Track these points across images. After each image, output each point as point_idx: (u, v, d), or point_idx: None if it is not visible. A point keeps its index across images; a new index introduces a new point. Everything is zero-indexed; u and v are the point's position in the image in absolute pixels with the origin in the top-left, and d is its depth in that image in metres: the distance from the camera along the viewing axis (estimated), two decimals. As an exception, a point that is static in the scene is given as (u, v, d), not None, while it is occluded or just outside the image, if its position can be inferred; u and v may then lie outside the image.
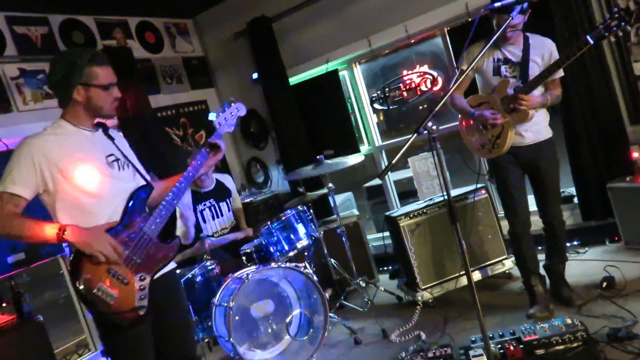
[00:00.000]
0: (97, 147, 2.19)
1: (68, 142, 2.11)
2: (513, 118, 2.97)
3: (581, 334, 2.52)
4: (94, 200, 2.11)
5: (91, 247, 1.99)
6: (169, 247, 2.24)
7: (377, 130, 5.22)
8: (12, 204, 1.99)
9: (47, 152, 2.04)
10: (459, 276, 3.76)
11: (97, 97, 2.12)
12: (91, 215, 2.10)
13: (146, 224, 2.17)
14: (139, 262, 2.13)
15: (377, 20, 4.62)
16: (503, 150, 3.03)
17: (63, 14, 4.43)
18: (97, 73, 2.10)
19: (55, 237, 1.98)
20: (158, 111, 5.05)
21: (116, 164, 2.22)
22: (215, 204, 4.19)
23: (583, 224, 4.13)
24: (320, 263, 4.28)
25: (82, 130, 2.17)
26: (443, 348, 2.87)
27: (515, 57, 3.03)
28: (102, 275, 2.04)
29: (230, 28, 5.40)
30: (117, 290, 2.05)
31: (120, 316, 2.07)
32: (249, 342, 3.50)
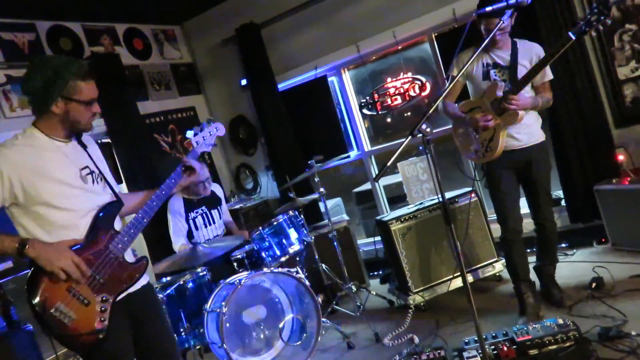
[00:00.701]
0: (71, 160, 2.09)
1: (41, 155, 2.00)
2: (504, 120, 3.00)
3: (573, 333, 2.55)
4: (67, 215, 2.02)
5: (51, 264, 1.89)
6: (136, 267, 2.17)
7: (366, 135, 5.25)
8: None
9: (16, 164, 1.94)
10: (451, 279, 3.78)
11: (76, 112, 2.02)
12: (63, 230, 2.01)
13: (112, 242, 2.08)
14: (102, 282, 2.02)
15: (366, 27, 4.66)
16: (496, 153, 3.05)
17: (50, 20, 4.40)
18: (81, 88, 2.00)
19: (15, 251, 1.87)
20: (146, 118, 5.03)
21: (90, 177, 2.13)
22: (207, 212, 4.18)
23: (571, 226, 4.19)
24: (311, 268, 4.27)
25: (56, 141, 2.06)
26: (436, 350, 2.88)
27: (504, 61, 3.07)
28: (62, 294, 1.93)
29: (218, 34, 5.40)
30: (76, 312, 1.94)
31: (78, 339, 1.95)
32: (242, 348, 3.48)
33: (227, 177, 5.81)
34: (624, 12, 3.75)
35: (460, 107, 3.22)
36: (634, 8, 3.72)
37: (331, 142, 5.12)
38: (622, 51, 3.81)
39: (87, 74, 2.03)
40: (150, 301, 2.34)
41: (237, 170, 5.76)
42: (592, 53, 3.90)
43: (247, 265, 3.78)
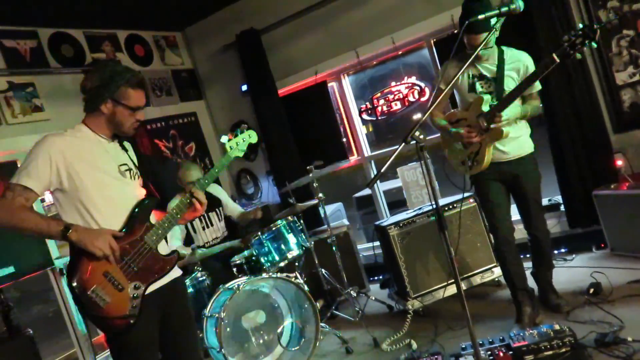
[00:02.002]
0: (112, 156, 2.26)
1: (86, 146, 2.18)
2: (489, 136, 2.95)
3: (569, 339, 2.56)
4: (106, 203, 2.16)
5: (92, 244, 2.03)
6: (167, 259, 2.28)
7: (366, 140, 5.27)
8: (23, 197, 2.03)
9: (65, 151, 2.10)
10: (448, 284, 3.78)
11: (121, 115, 2.19)
12: (101, 217, 2.14)
13: (147, 234, 2.21)
14: (135, 270, 2.16)
15: (365, 32, 4.69)
16: (482, 167, 3.02)
17: (52, 27, 4.44)
18: (130, 94, 2.18)
19: (59, 234, 2.01)
20: (147, 123, 5.06)
21: (128, 173, 2.29)
22: (205, 214, 4.20)
23: (570, 231, 4.19)
24: (310, 273, 4.29)
25: (100, 138, 2.24)
26: (433, 356, 2.89)
27: (489, 73, 3.02)
28: (99, 278, 2.07)
29: (219, 41, 5.44)
30: (110, 295, 2.07)
31: (110, 322, 2.08)
32: (241, 353, 3.50)
33: (229, 182, 5.83)
34: (621, 18, 3.76)
35: (448, 116, 3.19)
36: (631, 14, 3.73)
37: (331, 147, 5.14)
38: (620, 56, 3.82)
39: (139, 84, 2.22)
40: (180, 295, 2.44)
41: (238, 175, 5.78)
42: (590, 58, 3.91)
43: (247, 270, 3.80)
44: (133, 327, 2.12)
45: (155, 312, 2.24)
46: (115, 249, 2.08)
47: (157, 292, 2.24)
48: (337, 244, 4.37)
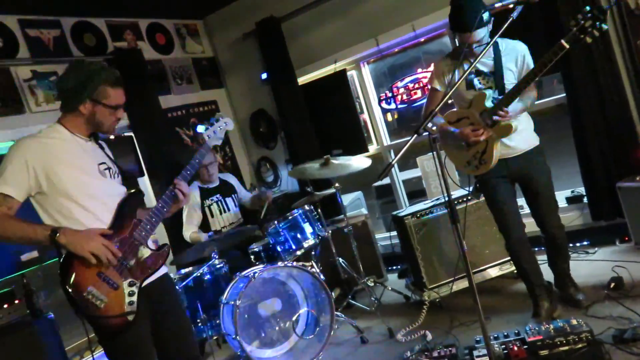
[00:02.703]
0: (90, 155, 2.23)
1: (63, 147, 2.13)
2: (496, 132, 2.83)
3: (586, 335, 2.51)
4: (87, 203, 2.13)
5: (82, 248, 1.99)
6: (159, 254, 2.26)
7: (386, 129, 5.23)
8: (4, 205, 2.00)
9: (41, 154, 2.06)
10: (454, 280, 3.74)
11: (101, 115, 2.17)
12: (84, 218, 2.11)
13: (136, 230, 2.19)
14: (129, 268, 2.14)
15: (385, 20, 4.63)
16: (490, 165, 2.89)
17: (74, 16, 4.49)
18: (109, 93, 2.15)
19: (47, 239, 1.98)
20: (168, 112, 5.11)
21: (108, 172, 2.26)
22: (221, 199, 4.28)
23: (592, 224, 4.10)
24: (328, 262, 4.30)
25: (77, 137, 2.19)
26: (448, 348, 2.87)
27: (487, 67, 2.90)
28: (93, 279, 2.03)
29: (239, 29, 5.44)
30: (106, 295, 2.04)
31: (109, 321, 2.05)
32: (257, 340, 3.54)
33: (248, 170, 5.87)
34: (651, 3, 3.62)
35: (448, 116, 3.06)
36: (662, -1, 3.58)
37: (350, 136, 5.11)
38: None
39: (117, 82, 2.19)
40: (169, 291, 2.42)
41: (257, 163, 5.81)
42: (617, 45, 3.78)
43: (264, 258, 3.83)
44: (133, 324, 2.09)
45: (146, 309, 2.20)
46: (114, 251, 2.06)
47: (147, 289, 2.20)
48: (355, 233, 4.39)
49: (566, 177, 5.35)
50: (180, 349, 2.38)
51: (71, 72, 2.15)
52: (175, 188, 2.28)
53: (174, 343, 2.36)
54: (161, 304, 2.32)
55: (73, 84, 2.12)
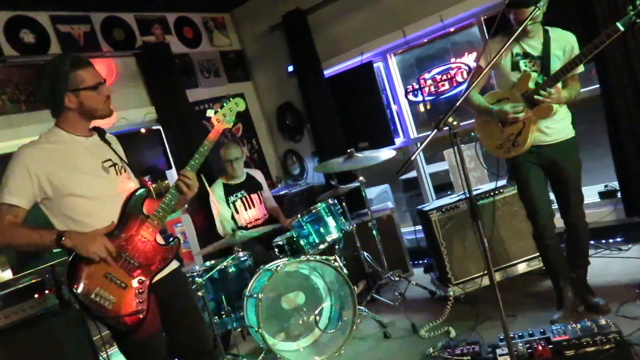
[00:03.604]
0: (92, 153, 2.20)
1: (63, 150, 2.12)
2: (535, 113, 2.82)
3: (614, 335, 2.42)
4: (93, 203, 2.13)
5: (86, 250, 2.00)
6: (167, 249, 2.26)
7: (413, 122, 5.16)
8: (11, 214, 2.02)
9: (42, 161, 2.06)
10: (495, 271, 3.67)
11: (89, 100, 2.13)
12: (91, 219, 2.11)
13: (143, 227, 2.19)
14: (136, 265, 2.14)
15: (412, 10, 4.55)
16: (523, 149, 2.88)
17: (104, 11, 4.57)
18: (82, 76, 2.11)
19: (54, 243, 1.99)
20: (195, 105, 5.16)
21: (113, 168, 2.24)
22: (246, 195, 4.29)
23: (626, 219, 3.95)
24: (352, 256, 4.29)
25: (76, 137, 2.18)
26: (471, 345, 2.82)
27: (535, 51, 2.88)
28: (100, 279, 2.04)
29: (266, 21, 5.44)
30: (115, 295, 2.06)
31: (120, 320, 2.06)
32: (281, 333, 3.56)
33: (275, 163, 5.89)
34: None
35: (486, 98, 3.05)
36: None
37: (377, 129, 5.07)
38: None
39: (84, 62, 2.14)
40: (180, 285, 2.41)
41: (284, 156, 5.82)
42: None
43: (288, 252, 3.84)
44: (144, 321, 2.10)
45: (157, 305, 2.21)
46: (111, 251, 2.05)
47: (158, 283, 2.21)
48: (381, 227, 4.36)
49: (599, 171, 5.18)
50: (192, 344, 2.39)
51: (41, 78, 2.13)
52: (180, 179, 2.25)
53: (186, 338, 2.37)
54: (172, 300, 2.31)
55: (47, 87, 2.10)
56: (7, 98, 3.82)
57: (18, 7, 4.00)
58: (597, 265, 3.56)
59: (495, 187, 3.74)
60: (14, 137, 3.80)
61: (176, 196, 2.24)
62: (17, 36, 3.99)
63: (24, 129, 3.85)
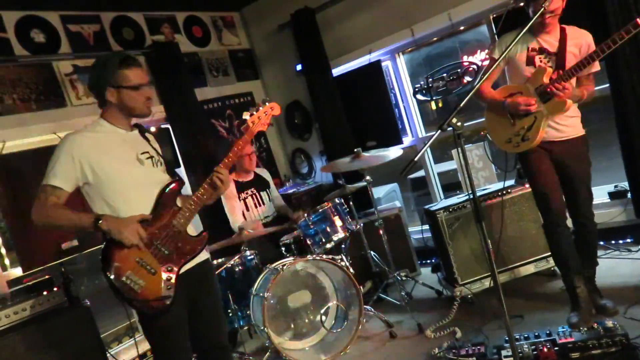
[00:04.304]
0: (131, 145, 2.33)
1: (104, 139, 2.26)
2: (548, 108, 2.81)
3: (620, 338, 2.41)
4: (129, 191, 2.24)
5: (120, 233, 2.11)
6: (197, 240, 2.34)
7: (422, 121, 5.14)
8: (54, 195, 2.16)
9: (86, 147, 2.20)
10: (498, 272, 3.66)
11: (128, 98, 2.26)
12: (126, 205, 2.22)
13: (175, 218, 2.28)
14: (167, 254, 2.23)
15: (420, 9, 4.52)
16: (533, 143, 2.87)
17: (114, 11, 4.60)
18: (126, 75, 2.24)
19: (91, 225, 2.12)
20: (204, 104, 5.18)
21: (150, 160, 2.36)
22: (256, 193, 4.32)
23: (636, 220, 3.90)
24: (359, 255, 4.29)
25: (118, 129, 2.32)
26: (476, 346, 2.82)
27: (551, 47, 2.87)
28: (131, 264, 2.15)
29: (275, 20, 5.44)
30: (144, 279, 2.16)
31: (146, 304, 2.16)
32: (287, 331, 3.57)
33: (283, 162, 5.90)
34: None
35: (499, 92, 3.04)
36: None
37: (385, 128, 5.05)
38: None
39: (131, 62, 2.27)
40: (207, 277, 2.51)
41: (292, 154, 5.83)
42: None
43: (294, 251, 3.85)
44: (170, 308, 2.19)
45: (184, 294, 2.29)
46: (143, 237, 2.16)
47: (186, 274, 2.30)
48: (388, 226, 4.35)
49: (609, 172, 5.12)
50: (210, 336, 2.47)
51: (91, 71, 2.30)
52: (215, 175, 2.35)
53: (205, 329, 2.45)
54: (199, 290, 2.40)
55: (95, 79, 2.26)
56: (17, 97, 3.87)
57: (29, 7, 4.04)
58: (605, 266, 3.53)
59: (503, 187, 3.72)
60: (24, 135, 3.86)
61: (208, 191, 2.35)
62: (28, 36, 4.03)
63: (34, 128, 3.90)
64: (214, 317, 2.49)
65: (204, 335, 2.45)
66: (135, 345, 3.55)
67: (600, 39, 2.72)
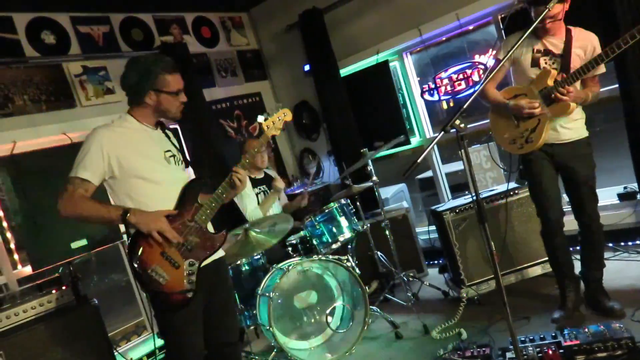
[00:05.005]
0: (157, 143, 2.39)
1: (133, 135, 2.31)
2: (552, 110, 2.82)
3: (626, 341, 2.39)
4: (154, 187, 2.29)
5: (148, 227, 2.16)
6: (217, 237, 2.40)
7: (430, 121, 5.13)
8: (82, 188, 2.19)
9: (114, 141, 2.25)
10: (505, 274, 3.65)
11: (166, 102, 2.32)
12: (150, 201, 2.27)
13: (197, 214, 2.33)
14: (189, 249, 2.29)
15: (428, 9, 4.51)
16: (537, 145, 2.88)
17: (123, 12, 4.65)
18: (168, 80, 2.30)
19: (119, 218, 2.16)
20: (213, 104, 5.20)
21: (172, 159, 2.42)
22: (267, 190, 4.33)
23: (646, 222, 3.88)
24: (367, 255, 4.29)
25: (145, 127, 2.37)
26: (481, 348, 2.81)
27: (556, 49, 2.87)
28: (157, 257, 2.21)
29: (283, 20, 5.45)
30: (168, 273, 2.21)
31: (170, 297, 2.22)
32: (293, 331, 3.58)
33: (291, 162, 5.91)
34: None
35: (503, 93, 3.04)
36: None
37: (392, 128, 5.04)
38: None
39: (173, 67, 2.34)
40: (222, 274, 2.56)
41: (300, 154, 5.84)
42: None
43: (301, 251, 3.86)
44: (190, 301, 2.24)
45: (201, 289, 2.32)
46: (169, 231, 2.20)
47: (203, 269, 2.33)
48: (396, 227, 4.35)
49: (619, 173, 5.07)
50: (221, 332, 2.50)
51: (131, 69, 2.31)
52: (233, 175, 2.41)
53: (217, 325, 2.48)
54: (214, 286, 2.45)
55: (135, 79, 2.28)
56: (28, 98, 3.92)
57: (39, 9, 4.09)
58: (614, 268, 3.51)
59: (509, 189, 3.70)
60: (34, 136, 3.90)
61: (227, 190, 2.40)
62: (39, 37, 4.08)
63: (45, 129, 3.95)
64: (227, 313, 2.54)
65: (216, 331, 2.48)
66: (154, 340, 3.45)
67: (610, 39, 2.69)
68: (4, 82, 3.82)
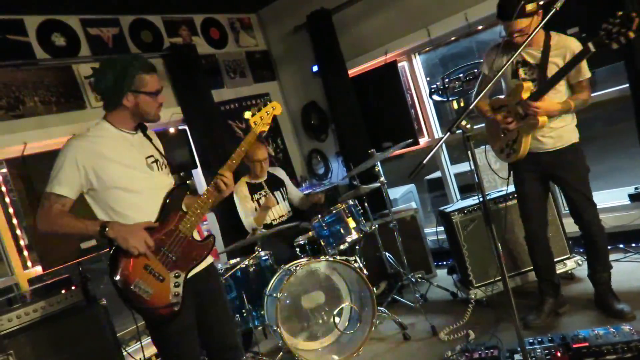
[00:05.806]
0: (138, 149, 2.29)
1: (110, 144, 2.20)
2: (525, 124, 2.87)
3: (636, 344, 2.36)
4: (136, 197, 2.21)
5: (126, 242, 2.07)
6: (203, 245, 2.33)
7: (439, 122, 5.11)
8: (59, 203, 2.12)
9: (90, 153, 2.15)
10: (514, 275, 3.63)
11: (145, 104, 2.22)
12: (133, 211, 2.19)
13: (182, 223, 2.25)
14: (174, 260, 2.21)
15: (437, 9, 4.50)
16: (519, 155, 2.96)
17: (132, 14, 4.68)
18: (147, 80, 2.20)
19: (97, 233, 2.09)
20: (221, 105, 5.22)
21: (155, 165, 2.33)
22: (270, 193, 4.32)
23: (657, 223, 3.83)
24: (375, 256, 4.28)
25: (124, 132, 2.27)
26: (489, 349, 2.79)
27: (533, 59, 2.89)
28: (139, 271, 2.12)
29: (291, 21, 5.46)
30: (152, 287, 2.13)
31: (156, 312, 2.15)
32: (302, 332, 3.58)
33: (300, 162, 5.91)
34: None
35: (492, 102, 3.11)
36: None
37: (401, 129, 5.03)
38: None
39: (150, 67, 2.25)
40: (213, 281, 2.49)
41: (309, 155, 5.84)
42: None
43: (309, 252, 3.86)
44: (178, 314, 2.17)
45: (191, 299, 2.29)
46: (150, 245, 2.12)
47: (192, 279, 2.28)
48: (404, 228, 4.34)
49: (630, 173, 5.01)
50: (219, 338, 2.47)
51: (106, 71, 2.18)
52: (218, 178, 2.30)
53: (215, 332, 2.45)
54: (205, 294, 2.39)
55: (111, 81, 2.16)
56: (38, 100, 3.96)
57: (50, 12, 4.13)
58: (624, 270, 3.47)
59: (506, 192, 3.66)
60: (45, 137, 3.94)
61: (213, 194, 2.31)
62: (49, 39, 4.12)
63: (55, 130, 3.99)
64: (222, 319, 2.48)
65: (214, 338, 2.46)
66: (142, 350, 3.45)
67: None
68: (14, 83, 3.86)
